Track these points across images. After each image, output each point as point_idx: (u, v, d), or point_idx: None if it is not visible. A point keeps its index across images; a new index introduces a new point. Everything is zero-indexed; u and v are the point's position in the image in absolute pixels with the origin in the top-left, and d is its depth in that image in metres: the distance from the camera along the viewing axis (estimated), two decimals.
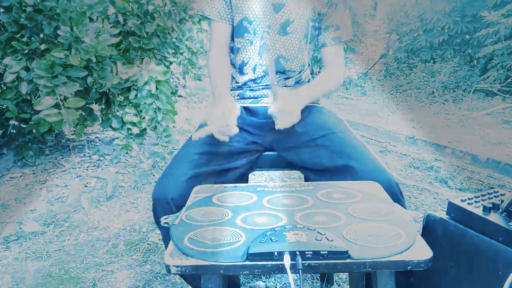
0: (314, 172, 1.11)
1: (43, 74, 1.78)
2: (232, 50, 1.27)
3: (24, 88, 1.94)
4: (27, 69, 1.93)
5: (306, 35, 1.21)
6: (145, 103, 2.20)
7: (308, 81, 1.32)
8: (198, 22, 2.86)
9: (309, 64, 1.32)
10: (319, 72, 1.32)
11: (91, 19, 2.02)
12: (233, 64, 1.28)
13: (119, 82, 2.11)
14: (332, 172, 1.05)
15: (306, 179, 1.20)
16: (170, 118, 2.31)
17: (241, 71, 1.24)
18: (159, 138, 2.33)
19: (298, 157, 1.13)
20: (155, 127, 2.28)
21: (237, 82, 1.27)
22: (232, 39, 1.25)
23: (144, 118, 2.28)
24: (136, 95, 2.20)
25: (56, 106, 1.87)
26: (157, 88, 2.19)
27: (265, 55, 1.20)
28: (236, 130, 1.02)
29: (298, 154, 1.13)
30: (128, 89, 2.23)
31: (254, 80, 1.23)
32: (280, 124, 1.06)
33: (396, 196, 0.97)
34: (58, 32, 1.88)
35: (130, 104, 2.31)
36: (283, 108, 1.04)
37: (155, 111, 2.23)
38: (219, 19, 1.21)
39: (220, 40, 1.24)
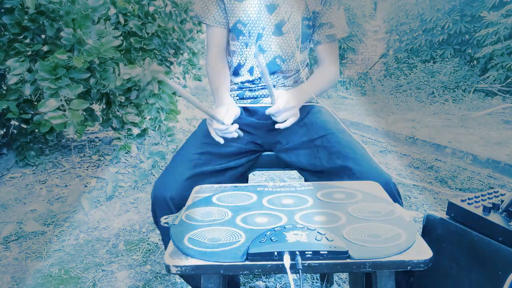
0: (312, 174, 1.11)
1: (46, 76, 1.78)
2: (229, 53, 1.28)
3: (27, 90, 1.94)
4: (29, 70, 1.93)
5: (300, 34, 1.21)
6: (147, 103, 2.21)
7: (307, 79, 1.32)
8: (198, 23, 2.86)
9: (307, 64, 1.32)
10: None
11: (92, 21, 2.03)
12: (230, 67, 1.28)
13: (121, 84, 2.11)
14: (330, 173, 1.05)
15: (305, 180, 1.20)
16: (173, 118, 2.32)
17: (237, 73, 1.25)
18: (163, 138, 2.33)
19: (297, 159, 1.13)
20: (159, 127, 2.29)
21: (235, 84, 1.27)
22: (228, 42, 1.26)
23: (146, 118, 2.29)
24: (137, 95, 2.21)
25: (60, 108, 1.87)
26: (159, 88, 2.20)
27: (259, 57, 1.20)
28: (235, 134, 1.06)
29: (298, 155, 1.13)
30: (129, 89, 2.23)
31: (252, 81, 1.24)
32: (279, 124, 1.07)
33: (394, 196, 0.97)
34: (61, 34, 1.88)
35: (131, 104, 2.31)
36: (281, 108, 1.05)
37: (158, 111, 2.23)
38: (215, 24, 1.22)
39: (217, 45, 1.25)
